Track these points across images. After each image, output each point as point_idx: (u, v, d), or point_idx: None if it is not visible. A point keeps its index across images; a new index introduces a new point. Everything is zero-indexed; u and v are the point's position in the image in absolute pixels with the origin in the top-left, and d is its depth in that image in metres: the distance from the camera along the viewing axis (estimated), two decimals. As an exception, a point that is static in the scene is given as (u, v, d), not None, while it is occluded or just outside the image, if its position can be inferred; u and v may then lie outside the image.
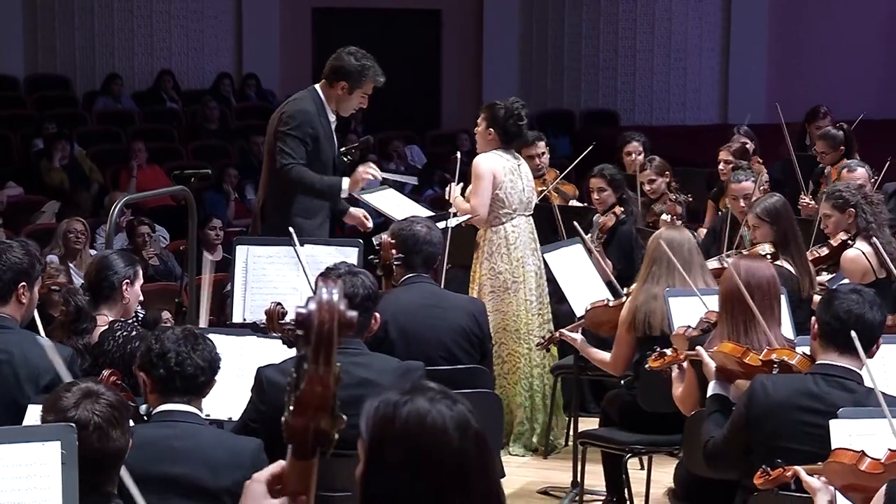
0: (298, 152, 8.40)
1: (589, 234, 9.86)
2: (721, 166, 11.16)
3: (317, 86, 8.67)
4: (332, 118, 8.61)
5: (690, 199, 11.17)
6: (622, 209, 10.29)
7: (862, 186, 9.41)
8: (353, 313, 2.86)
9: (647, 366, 6.69)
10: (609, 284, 8.82)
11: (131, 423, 4.98)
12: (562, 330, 8.26)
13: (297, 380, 2.85)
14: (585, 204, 11.00)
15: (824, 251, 8.81)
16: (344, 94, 8.54)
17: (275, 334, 6.12)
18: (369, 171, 8.72)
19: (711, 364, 6.07)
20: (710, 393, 6.04)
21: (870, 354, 5.56)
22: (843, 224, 8.76)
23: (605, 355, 7.82)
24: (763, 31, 20.61)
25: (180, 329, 5.48)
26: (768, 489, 5.24)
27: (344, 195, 8.64)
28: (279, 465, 3.05)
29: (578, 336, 8.03)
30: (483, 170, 9.17)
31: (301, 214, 8.43)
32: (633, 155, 11.81)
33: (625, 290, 8.25)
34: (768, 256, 7.93)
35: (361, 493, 3.06)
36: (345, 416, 2.89)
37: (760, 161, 11.83)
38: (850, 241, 8.64)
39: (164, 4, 19.74)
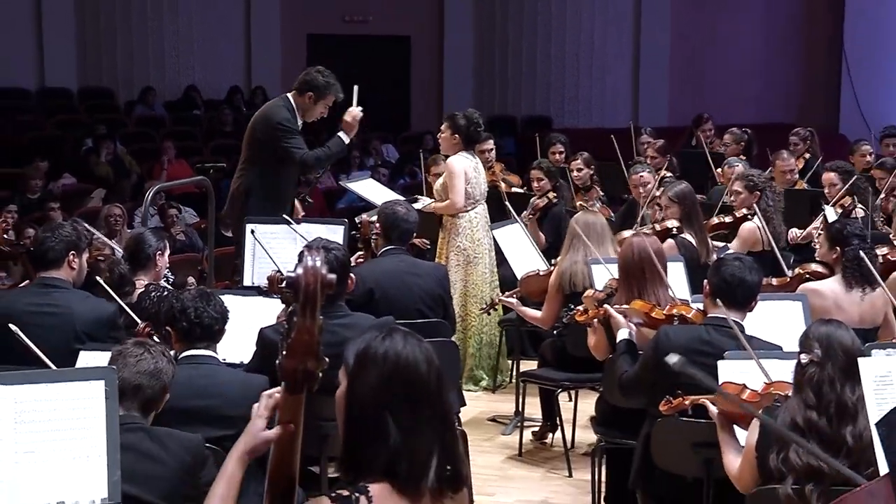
0: (302, 144, 8.38)
1: (525, 212, 9.95)
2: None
3: (288, 95, 8.60)
4: (300, 123, 8.57)
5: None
6: (555, 195, 10.36)
7: (772, 178, 9.72)
8: (332, 276, 2.86)
9: (569, 319, 6.76)
10: (543, 251, 8.90)
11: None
12: (500, 297, 8.32)
13: (289, 330, 2.85)
14: (526, 189, 11.04)
15: (728, 219, 8.99)
16: (311, 103, 8.47)
17: (275, 295, 6.13)
18: (352, 113, 8.59)
19: (619, 317, 6.10)
20: (619, 338, 6.07)
21: (749, 309, 5.59)
22: (749, 202, 8.92)
23: (537, 313, 7.88)
24: (665, 52, 20.64)
25: (195, 289, 5.49)
26: (671, 415, 5.26)
27: (347, 141, 8.64)
28: (275, 397, 3.04)
29: (515, 300, 8.06)
30: (457, 170, 9.19)
31: (282, 200, 8.41)
32: (557, 154, 11.90)
33: (553, 261, 8.31)
34: (675, 230, 7.99)
35: (346, 406, 3.07)
36: (327, 360, 2.90)
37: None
38: (749, 216, 8.74)
39: (188, 32, 19.73)
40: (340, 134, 8.54)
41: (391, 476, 2.99)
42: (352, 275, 6.14)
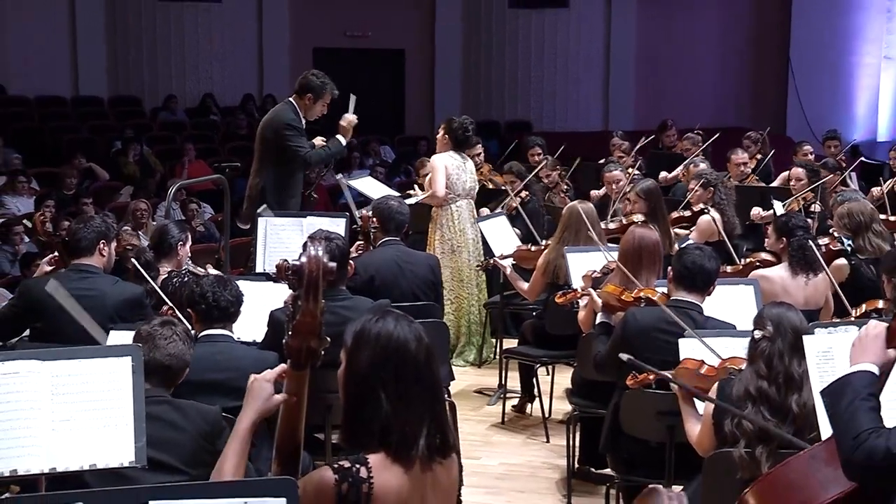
0: (305, 144, 8.42)
1: (501, 208, 10.05)
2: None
3: (291, 98, 8.61)
4: (303, 122, 8.58)
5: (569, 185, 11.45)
6: (527, 193, 10.40)
7: (728, 176, 10.12)
8: (332, 264, 2.86)
9: (555, 299, 6.77)
10: (525, 239, 8.93)
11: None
12: (496, 258, 8.31)
13: (294, 313, 2.85)
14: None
15: (687, 213, 9.04)
16: (310, 103, 8.51)
17: (283, 282, 6.09)
18: (347, 119, 8.69)
19: (598, 300, 6.11)
20: (597, 321, 6.08)
21: (708, 292, 5.60)
22: (704, 197, 8.94)
23: (524, 284, 7.88)
24: (632, 63, 20.64)
25: (214, 275, 5.48)
26: (637, 388, 5.27)
27: (344, 143, 8.75)
28: (280, 367, 3.05)
29: (509, 266, 8.07)
30: (437, 165, 9.32)
31: (293, 195, 8.43)
32: (535, 156, 11.94)
33: (543, 241, 8.33)
34: (639, 223, 7.98)
35: (344, 381, 3.08)
36: (328, 339, 2.89)
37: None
38: (706, 210, 8.76)
39: (207, 46, 19.77)
40: (338, 137, 8.64)
41: (385, 447, 3.00)
42: (351, 262, 6.14)
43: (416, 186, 9.90)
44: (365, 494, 2.93)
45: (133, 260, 6.33)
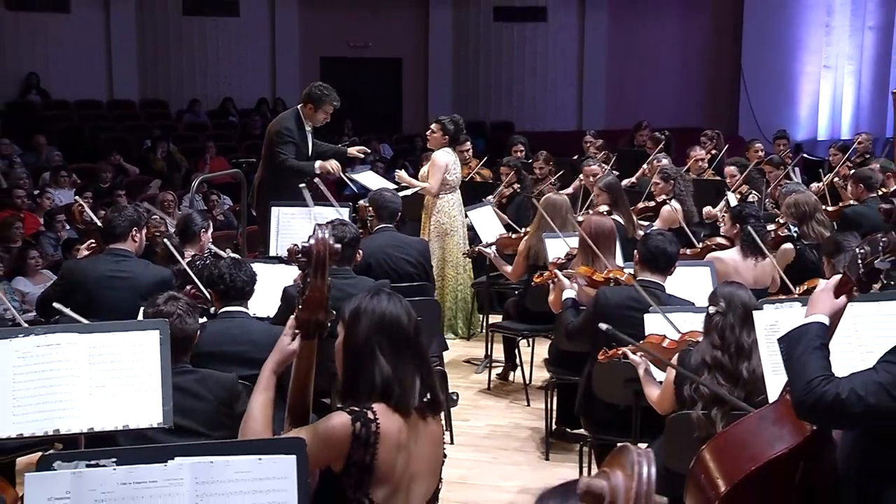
0: (289, 151, 8.45)
1: (493, 196, 9.97)
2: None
3: (298, 106, 8.67)
4: (308, 127, 8.63)
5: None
6: (519, 186, 10.38)
7: (681, 168, 10.02)
8: (338, 245, 2.88)
9: (533, 282, 6.77)
10: (507, 227, 8.91)
11: (204, 318, 4.94)
12: (480, 246, 8.30)
13: (304, 289, 2.86)
14: (495, 180, 11.03)
15: (651, 204, 9.02)
16: (312, 112, 8.57)
17: (294, 264, 6.11)
18: (333, 166, 8.54)
19: (564, 281, 6.12)
20: (563, 297, 6.07)
21: (670, 272, 5.60)
22: (666, 190, 8.95)
23: (508, 267, 7.89)
24: (602, 70, 20.65)
25: (230, 258, 5.46)
26: (606, 361, 5.27)
27: (315, 171, 8.45)
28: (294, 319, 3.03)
29: (493, 252, 8.07)
30: (441, 163, 9.21)
31: (288, 186, 8.43)
32: (518, 153, 11.87)
33: (522, 229, 8.33)
34: (605, 213, 7.98)
35: (343, 351, 3.10)
36: (334, 312, 2.90)
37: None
38: (668, 201, 8.76)
39: (226, 55, 19.69)
40: (316, 163, 8.54)
41: (386, 398, 3.02)
42: (360, 249, 6.13)
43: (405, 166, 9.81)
44: (374, 433, 2.97)
45: (166, 241, 6.30)
